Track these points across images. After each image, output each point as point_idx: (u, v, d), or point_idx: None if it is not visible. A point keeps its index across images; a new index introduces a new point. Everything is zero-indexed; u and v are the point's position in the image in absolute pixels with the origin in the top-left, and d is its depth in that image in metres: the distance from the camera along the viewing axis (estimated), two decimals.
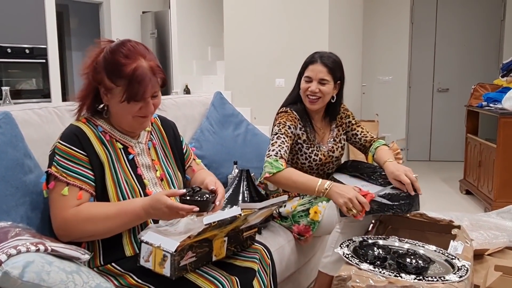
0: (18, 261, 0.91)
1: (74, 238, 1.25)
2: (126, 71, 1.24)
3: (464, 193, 4.32)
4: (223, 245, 1.29)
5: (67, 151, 1.26)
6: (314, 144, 1.98)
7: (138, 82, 1.24)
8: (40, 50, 4.57)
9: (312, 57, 1.95)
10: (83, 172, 1.26)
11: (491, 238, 1.82)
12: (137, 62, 1.26)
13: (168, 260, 1.11)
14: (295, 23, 4.32)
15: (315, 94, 1.92)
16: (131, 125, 1.36)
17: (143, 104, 1.30)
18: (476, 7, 5.64)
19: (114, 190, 1.30)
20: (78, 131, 1.30)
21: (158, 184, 1.41)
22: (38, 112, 1.58)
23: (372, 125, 5.00)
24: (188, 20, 5.94)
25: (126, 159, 1.37)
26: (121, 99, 1.26)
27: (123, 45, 1.28)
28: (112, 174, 1.31)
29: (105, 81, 1.28)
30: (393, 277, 1.29)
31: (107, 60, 1.27)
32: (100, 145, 1.32)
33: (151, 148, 1.46)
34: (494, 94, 3.93)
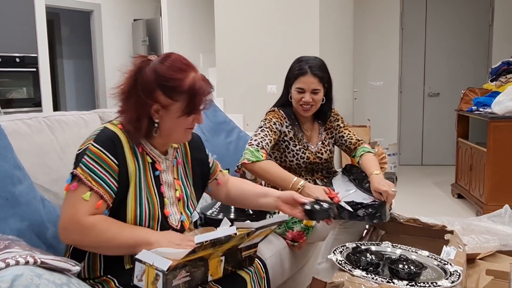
0: (7, 274, 0.90)
1: (80, 245, 1.21)
2: (185, 86, 1.23)
3: (456, 197, 4.34)
4: (220, 265, 1.24)
5: (99, 154, 1.21)
6: (301, 142, 2.02)
7: (198, 95, 1.24)
8: (31, 58, 4.55)
9: (300, 67, 1.97)
10: (109, 181, 1.21)
11: (483, 242, 1.83)
12: (191, 75, 1.25)
13: (160, 279, 1.07)
14: (286, 30, 4.34)
15: (309, 104, 1.97)
16: (179, 139, 1.34)
17: (196, 115, 1.29)
18: (464, 12, 5.70)
19: (134, 205, 1.25)
20: (114, 137, 1.24)
21: (175, 204, 1.37)
22: (28, 122, 1.57)
23: (364, 130, 5.02)
24: (179, 27, 5.94)
25: (152, 175, 1.32)
26: (180, 113, 1.25)
27: (173, 59, 1.26)
28: (136, 189, 1.26)
29: (161, 98, 1.24)
30: (386, 283, 1.30)
31: (161, 77, 1.23)
32: (132, 157, 1.27)
33: (175, 165, 1.41)
34: (484, 98, 3.97)
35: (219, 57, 4.76)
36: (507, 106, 3.51)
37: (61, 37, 7.19)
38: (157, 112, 1.26)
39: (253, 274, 1.35)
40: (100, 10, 6.21)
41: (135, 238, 1.20)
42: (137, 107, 1.24)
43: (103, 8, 6.24)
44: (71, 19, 7.00)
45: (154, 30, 6.08)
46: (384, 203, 1.70)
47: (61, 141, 1.61)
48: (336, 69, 4.91)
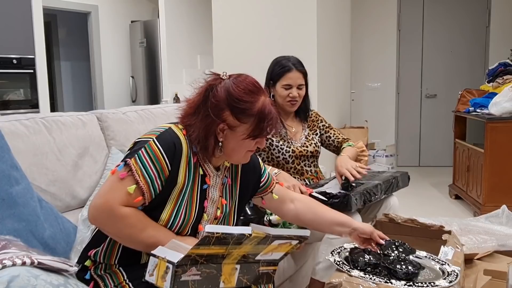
0: (3, 275, 0.90)
1: (104, 229, 1.21)
2: (255, 109, 1.23)
3: (454, 198, 4.35)
4: (234, 273, 1.20)
5: (157, 153, 1.20)
6: (285, 139, 2.10)
7: (268, 120, 1.24)
8: (28, 60, 4.54)
9: (284, 65, 2.07)
10: (155, 182, 1.20)
11: (480, 243, 1.83)
12: (261, 99, 1.25)
13: (170, 272, 1.05)
14: (283, 32, 4.35)
15: (295, 99, 2.07)
16: (239, 160, 1.33)
17: (260, 139, 1.28)
18: (461, 14, 5.73)
19: (169, 214, 1.24)
20: (178, 141, 1.23)
21: (211, 222, 1.35)
22: (25, 123, 1.57)
23: (362, 131, 5.03)
24: (177, 29, 5.94)
25: (200, 187, 1.30)
26: (245, 136, 1.24)
27: (246, 81, 1.26)
28: (178, 199, 1.25)
29: (228, 118, 1.23)
30: (384, 283, 1.30)
31: (234, 97, 1.23)
32: (185, 166, 1.25)
33: (224, 184, 1.39)
34: (481, 99, 3.98)
35: (216, 59, 4.76)
36: (504, 107, 3.52)
37: (58, 39, 7.18)
38: (222, 131, 1.25)
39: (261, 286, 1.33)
40: (97, 12, 6.20)
41: (155, 239, 1.19)
42: (204, 124, 1.24)
43: (101, 10, 6.23)
44: (69, 20, 6.99)
45: (152, 32, 6.08)
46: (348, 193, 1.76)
47: (59, 142, 1.61)
48: (333, 71, 4.92)
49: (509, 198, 3.40)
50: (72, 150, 1.68)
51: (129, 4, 6.58)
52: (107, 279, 1.25)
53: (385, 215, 1.85)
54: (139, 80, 6.26)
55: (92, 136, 1.79)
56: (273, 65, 2.12)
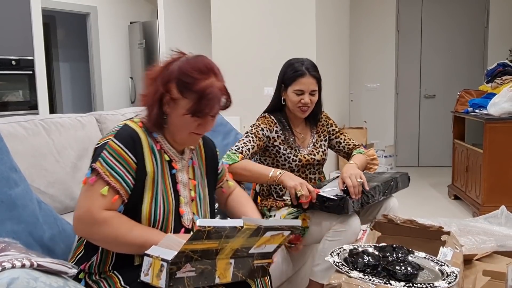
0: (3, 278, 0.90)
1: (92, 239, 1.23)
2: (198, 87, 1.25)
3: (453, 198, 4.36)
4: (229, 268, 1.21)
5: (119, 151, 1.23)
6: (292, 146, 2.03)
7: (207, 100, 1.25)
8: (27, 61, 4.53)
9: (297, 69, 1.97)
10: (126, 178, 1.23)
11: (479, 243, 1.83)
12: (210, 80, 1.27)
13: (165, 269, 1.06)
14: (282, 32, 4.35)
15: (307, 105, 1.98)
16: (184, 140, 1.35)
17: (202, 121, 1.29)
18: (460, 14, 5.74)
19: (149, 203, 1.27)
20: (134, 134, 1.28)
21: (189, 204, 1.38)
22: (24, 125, 1.57)
23: (361, 132, 5.04)
24: (176, 30, 5.95)
25: (169, 173, 1.35)
26: (185, 112, 1.26)
27: (200, 60, 1.29)
28: (153, 187, 1.28)
29: (173, 90, 1.27)
30: (383, 284, 1.30)
31: (181, 71, 1.26)
32: (150, 155, 1.30)
33: (190, 166, 1.43)
34: (480, 100, 3.99)
35: (215, 59, 4.69)
36: (503, 107, 3.52)
37: (57, 40, 7.18)
38: (168, 103, 1.28)
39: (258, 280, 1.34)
40: (96, 13, 6.20)
41: (144, 238, 1.20)
42: (152, 94, 1.29)
43: (100, 11, 6.23)
44: (67, 22, 6.99)
45: (151, 33, 6.09)
46: (345, 196, 1.75)
47: (58, 144, 1.61)
48: (332, 71, 4.93)
49: (508, 199, 3.41)
50: (71, 151, 1.68)
51: (128, 5, 6.58)
52: (102, 284, 1.25)
53: (384, 216, 1.85)
54: (138, 81, 6.26)
55: (91, 138, 1.79)
56: (285, 68, 2.02)
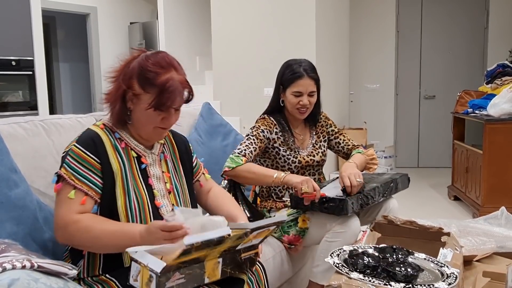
0: (3, 279, 0.90)
1: (72, 244, 1.26)
2: (159, 81, 1.28)
3: (452, 199, 4.36)
4: (217, 267, 1.22)
5: (81, 154, 1.27)
6: (292, 148, 2.03)
7: (168, 93, 1.28)
8: (27, 62, 4.53)
9: (295, 70, 1.96)
10: (92, 178, 1.27)
11: (479, 244, 1.83)
12: (170, 74, 1.30)
13: (154, 281, 1.06)
14: (282, 33, 4.35)
15: (306, 107, 1.98)
16: (149, 135, 1.38)
17: (166, 115, 1.33)
18: (460, 15, 5.74)
19: (123, 200, 1.30)
20: (95, 136, 1.32)
21: (166, 196, 1.41)
22: (24, 125, 1.56)
23: (361, 132, 5.04)
24: (175, 30, 5.95)
25: (138, 168, 1.38)
26: (148, 106, 1.29)
27: (159, 55, 1.33)
28: (123, 183, 1.31)
29: (134, 86, 1.31)
30: (383, 286, 1.30)
31: (142, 67, 1.30)
32: (114, 153, 1.33)
33: (162, 160, 1.46)
34: (480, 100, 3.99)
35: (215, 60, 4.77)
36: (502, 108, 3.52)
37: (57, 41, 7.18)
38: (131, 100, 1.33)
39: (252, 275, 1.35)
40: (96, 13, 6.21)
41: (122, 232, 1.22)
42: (115, 91, 1.34)
43: (99, 11, 6.24)
44: (67, 22, 6.99)
45: (151, 33, 6.09)
46: (345, 198, 1.75)
47: (58, 145, 1.61)
48: (332, 72, 4.93)
49: (508, 199, 3.41)
50: None
51: (128, 5, 6.58)
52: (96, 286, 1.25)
53: (384, 217, 1.85)
54: None
55: None
56: (283, 69, 2.02)
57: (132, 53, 1.37)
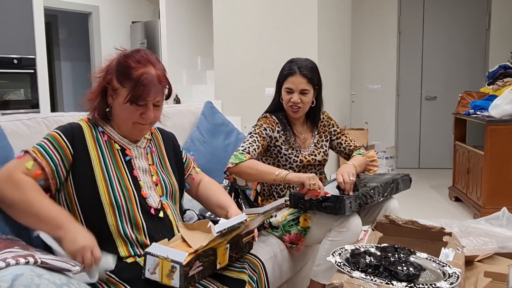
0: (7, 274, 0.90)
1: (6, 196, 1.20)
2: (134, 74, 1.31)
3: (453, 200, 4.36)
4: (226, 252, 1.29)
5: (57, 138, 1.31)
6: (293, 147, 2.03)
7: (143, 85, 1.31)
8: (29, 60, 4.54)
9: (290, 68, 2.00)
10: (56, 160, 1.28)
11: (481, 245, 1.83)
12: (146, 68, 1.33)
13: (177, 271, 1.10)
14: (284, 33, 4.36)
15: (297, 105, 1.98)
16: (130, 131, 1.41)
17: (144, 109, 1.35)
18: (462, 16, 5.74)
19: (105, 189, 1.32)
20: (76, 127, 1.36)
21: (153, 188, 1.43)
22: (27, 123, 1.57)
23: (362, 133, 5.04)
24: (177, 30, 5.95)
25: (123, 160, 1.40)
26: (124, 99, 1.32)
27: (137, 52, 1.37)
28: (103, 174, 1.33)
29: (113, 81, 1.34)
30: (385, 285, 1.30)
31: (120, 63, 1.34)
32: (93, 145, 1.36)
33: (148, 153, 1.48)
34: (481, 102, 3.99)
35: (217, 59, 4.77)
36: (504, 109, 3.52)
37: (59, 39, 7.19)
38: (111, 96, 1.36)
39: (252, 274, 1.37)
40: (98, 12, 6.21)
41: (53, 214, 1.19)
42: (96, 88, 1.38)
43: (101, 10, 6.24)
44: (69, 21, 7.00)
45: (152, 33, 6.09)
46: (342, 197, 1.74)
47: None
48: (333, 72, 4.93)
49: (509, 200, 3.41)
50: None
51: (129, 4, 6.58)
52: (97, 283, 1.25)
53: (385, 217, 1.85)
54: None
55: None
56: (283, 66, 2.05)
57: (116, 52, 1.41)
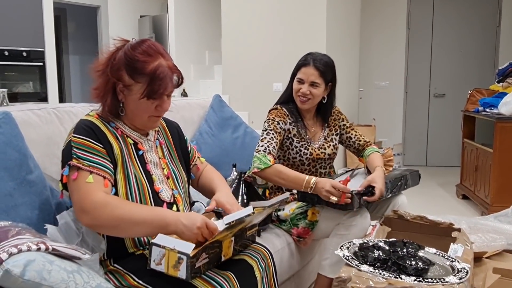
0: (19, 259, 0.91)
1: (98, 225, 1.21)
2: (148, 69, 1.27)
3: (461, 198, 4.33)
4: (231, 245, 1.29)
5: (84, 143, 1.26)
6: (304, 139, 2.03)
7: (160, 80, 1.27)
8: (38, 53, 4.56)
9: (305, 59, 2.00)
10: (104, 163, 1.26)
11: (489, 241, 1.82)
12: (158, 61, 1.29)
13: (184, 262, 1.10)
14: (292, 28, 4.34)
15: (306, 96, 1.98)
16: (145, 124, 1.39)
17: (159, 102, 1.32)
18: (472, 13, 5.68)
19: (124, 185, 1.30)
20: (91, 124, 1.31)
21: (165, 182, 1.42)
22: (38, 113, 1.58)
23: (369, 129, 5.02)
24: (185, 24, 5.95)
25: (136, 154, 1.38)
26: (140, 95, 1.29)
27: (143, 43, 1.31)
28: (124, 168, 1.32)
29: (124, 77, 1.29)
30: (393, 279, 1.30)
31: (128, 57, 1.28)
32: (114, 139, 1.33)
33: (158, 146, 1.47)
34: (491, 99, 3.96)
35: (225, 54, 4.77)
36: None
37: (68, 33, 7.21)
38: (122, 92, 1.32)
39: (261, 261, 1.37)
40: (106, 6, 6.22)
41: (151, 216, 1.22)
42: (103, 85, 1.32)
43: (110, 4, 6.25)
44: (78, 15, 7.02)
45: (161, 27, 6.10)
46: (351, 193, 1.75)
47: None
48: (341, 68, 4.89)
49: None
50: None
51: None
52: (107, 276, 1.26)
53: (394, 212, 1.85)
54: None
55: None
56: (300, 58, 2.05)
57: (115, 44, 1.35)
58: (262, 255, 1.39)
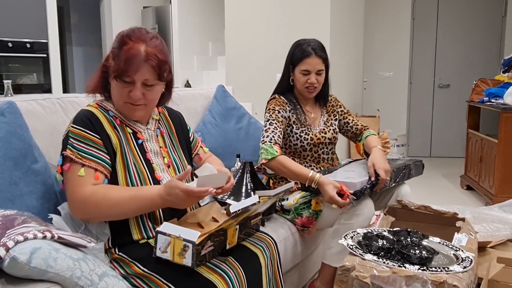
0: (26, 247, 0.92)
1: (90, 217, 1.28)
2: (124, 49, 1.29)
3: (465, 189, 4.32)
4: (235, 233, 1.31)
5: (81, 134, 1.28)
6: (304, 125, 2.05)
7: (126, 60, 1.27)
8: (41, 44, 4.56)
9: (304, 50, 2.00)
10: (98, 155, 1.28)
11: (494, 231, 1.82)
12: (137, 45, 1.29)
13: (190, 250, 1.11)
14: (296, 18, 4.31)
15: (314, 85, 2.01)
16: (126, 111, 1.38)
17: (132, 87, 1.30)
18: (477, 3, 5.63)
19: (124, 174, 1.32)
20: (90, 114, 1.33)
21: (166, 170, 1.43)
22: (42, 103, 1.58)
23: (373, 120, 5.00)
24: (189, 15, 5.92)
25: (136, 144, 1.39)
26: (113, 73, 1.31)
27: (136, 29, 1.33)
28: (123, 158, 1.33)
29: (109, 58, 1.33)
30: (397, 267, 1.30)
31: (117, 41, 1.32)
32: (112, 129, 1.34)
33: (159, 135, 1.48)
34: (496, 89, 3.93)
35: (228, 45, 4.75)
36: None
37: (71, 24, 7.20)
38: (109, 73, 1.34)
39: (265, 250, 1.38)
40: None
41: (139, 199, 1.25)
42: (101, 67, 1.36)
43: None
44: (81, 6, 7.00)
45: (164, 18, 6.07)
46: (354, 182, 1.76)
47: None
48: (345, 59, 4.88)
49: None
50: None
51: None
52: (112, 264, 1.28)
53: (398, 202, 1.85)
54: None
55: None
56: (293, 49, 2.05)
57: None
58: (266, 244, 1.40)
